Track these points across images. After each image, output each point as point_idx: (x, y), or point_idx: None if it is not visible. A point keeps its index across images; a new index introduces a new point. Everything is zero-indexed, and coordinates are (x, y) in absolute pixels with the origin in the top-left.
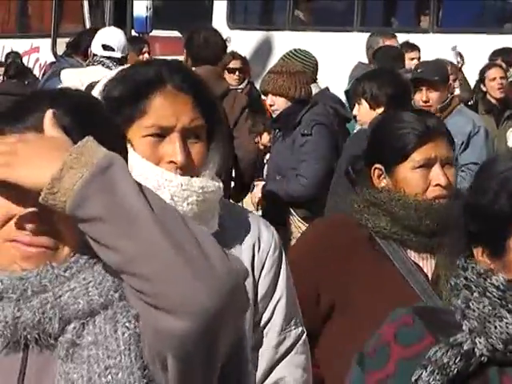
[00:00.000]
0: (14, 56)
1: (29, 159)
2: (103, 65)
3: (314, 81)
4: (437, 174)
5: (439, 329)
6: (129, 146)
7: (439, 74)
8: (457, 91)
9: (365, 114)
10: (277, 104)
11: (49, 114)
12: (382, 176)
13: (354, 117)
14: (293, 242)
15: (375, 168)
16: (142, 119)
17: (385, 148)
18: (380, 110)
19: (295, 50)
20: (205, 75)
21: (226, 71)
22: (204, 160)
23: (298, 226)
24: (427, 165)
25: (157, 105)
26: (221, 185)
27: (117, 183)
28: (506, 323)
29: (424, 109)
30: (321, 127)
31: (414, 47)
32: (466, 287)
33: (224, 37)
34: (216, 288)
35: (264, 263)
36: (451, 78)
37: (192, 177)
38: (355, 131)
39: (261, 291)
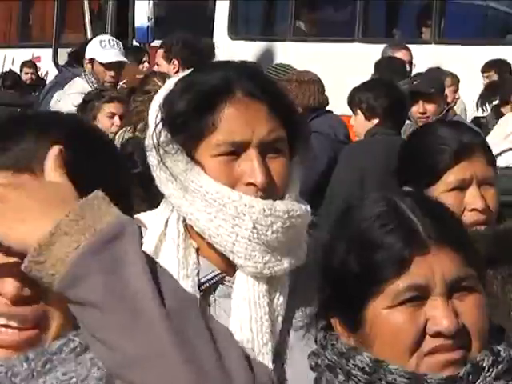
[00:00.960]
0: (31, 65)
1: (17, 211)
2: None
3: None
4: (473, 197)
5: None
6: (199, 167)
7: (435, 85)
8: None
9: (360, 124)
10: None
11: (54, 150)
12: None
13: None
14: None
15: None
16: (211, 136)
17: (414, 167)
18: (376, 121)
19: (277, 64)
20: None
21: None
22: (287, 178)
23: None
24: (462, 187)
25: (227, 117)
26: (308, 208)
27: (123, 262)
28: None
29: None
30: (314, 135)
31: None
32: (329, 369)
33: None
34: None
35: None
36: (452, 88)
37: (275, 199)
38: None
39: None
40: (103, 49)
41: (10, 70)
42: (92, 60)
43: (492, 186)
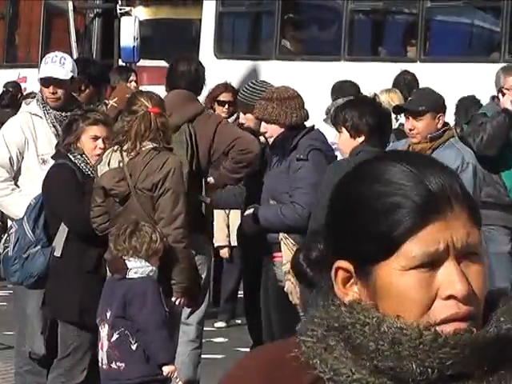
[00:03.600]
0: (13, 85)
1: None
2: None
3: None
4: (449, 277)
5: None
6: None
7: (427, 103)
8: None
9: (345, 142)
10: (270, 131)
11: None
12: (352, 281)
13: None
14: (286, 266)
15: (338, 268)
16: None
17: (355, 233)
18: (361, 139)
19: (253, 82)
20: (175, 98)
21: (216, 103)
22: None
23: (291, 248)
24: (432, 262)
25: None
26: None
27: None
28: None
29: (427, 157)
30: (317, 153)
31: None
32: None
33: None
34: None
35: None
36: None
37: None
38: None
39: None
40: (44, 65)
41: (7, 88)
42: None
43: (479, 259)
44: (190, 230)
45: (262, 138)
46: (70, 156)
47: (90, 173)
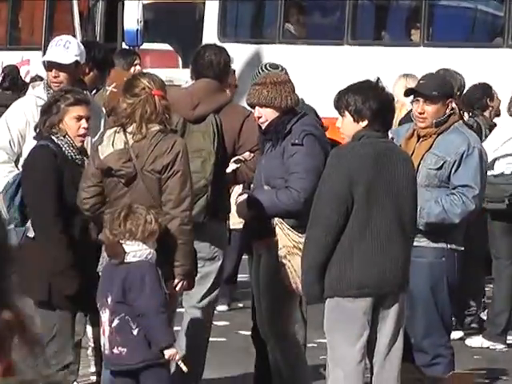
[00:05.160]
0: (10, 68)
1: None
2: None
3: None
4: None
5: None
6: None
7: (440, 88)
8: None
9: (348, 126)
10: (264, 115)
11: None
12: None
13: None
14: (283, 250)
15: None
16: None
17: None
18: (364, 123)
19: (265, 64)
20: (204, 87)
21: None
22: None
23: (287, 233)
24: None
25: None
26: None
27: None
28: None
29: None
30: (311, 137)
31: None
32: None
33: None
34: None
35: None
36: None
37: None
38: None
39: None
40: (49, 48)
41: (9, 71)
42: None
43: None
44: (211, 218)
45: None
46: (53, 137)
47: (72, 155)
